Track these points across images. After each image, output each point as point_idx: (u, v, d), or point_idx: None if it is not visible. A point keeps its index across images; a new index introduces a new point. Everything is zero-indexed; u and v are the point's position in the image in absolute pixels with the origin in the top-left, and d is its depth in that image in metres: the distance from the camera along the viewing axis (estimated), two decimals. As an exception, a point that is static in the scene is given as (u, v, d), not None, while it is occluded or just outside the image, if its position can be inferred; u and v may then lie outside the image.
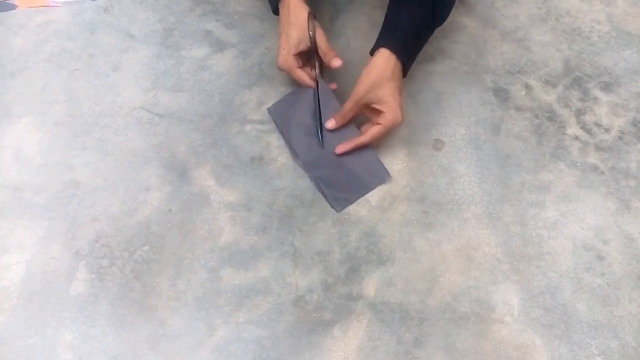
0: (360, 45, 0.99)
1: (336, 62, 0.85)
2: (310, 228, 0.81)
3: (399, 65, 0.82)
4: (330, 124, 0.85)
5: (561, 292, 0.77)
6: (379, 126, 0.81)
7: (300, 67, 0.87)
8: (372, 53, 0.84)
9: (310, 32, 0.82)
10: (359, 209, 0.83)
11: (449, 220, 0.82)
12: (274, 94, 0.93)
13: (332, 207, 0.82)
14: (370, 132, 0.82)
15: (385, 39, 0.83)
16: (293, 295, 0.76)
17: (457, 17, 1.04)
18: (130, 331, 0.73)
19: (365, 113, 0.85)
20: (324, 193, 0.83)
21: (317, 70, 0.86)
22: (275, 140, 0.89)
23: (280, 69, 0.88)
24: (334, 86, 0.89)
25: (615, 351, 0.73)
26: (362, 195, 0.84)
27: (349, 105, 0.83)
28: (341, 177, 0.84)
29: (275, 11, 0.90)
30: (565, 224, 0.82)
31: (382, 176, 0.85)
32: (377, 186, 0.84)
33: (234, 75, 0.95)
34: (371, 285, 0.77)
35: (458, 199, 0.84)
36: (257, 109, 0.92)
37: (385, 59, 0.81)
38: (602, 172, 0.87)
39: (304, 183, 0.85)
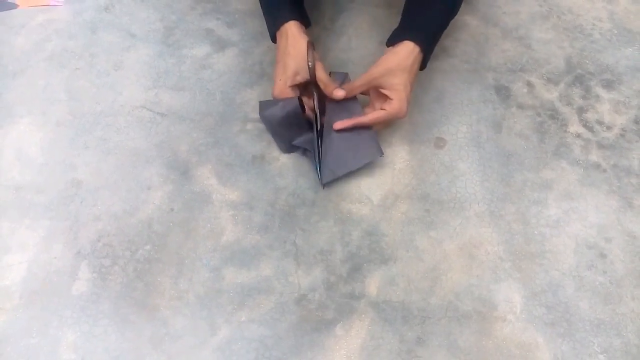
0: (362, 45, 0.99)
1: (338, 93, 0.82)
2: (312, 227, 0.81)
3: (420, 59, 0.82)
4: (339, 92, 0.82)
5: (563, 290, 0.77)
6: (383, 112, 0.81)
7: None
8: (392, 43, 0.83)
9: (310, 64, 0.80)
10: (361, 207, 0.83)
11: (451, 219, 0.82)
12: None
13: (320, 179, 0.82)
14: (373, 114, 0.82)
15: (411, 31, 0.82)
16: (295, 294, 0.76)
17: (458, 15, 1.03)
18: (132, 330, 0.73)
19: (370, 95, 0.85)
20: (318, 166, 0.82)
21: (316, 103, 0.83)
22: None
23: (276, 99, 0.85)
24: (342, 93, 0.84)
25: (617, 349, 0.73)
26: (352, 169, 0.83)
27: (360, 82, 0.82)
28: (334, 150, 0.83)
29: (273, 39, 0.88)
30: (567, 222, 0.82)
31: (375, 153, 0.84)
32: (369, 160, 0.84)
33: (235, 74, 0.95)
34: (373, 284, 0.77)
35: (460, 197, 0.84)
36: (258, 107, 0.91)
37: (409, 51, 0.80)
38: (604, 170, 0.87)
39: (306, 182, 0.85)
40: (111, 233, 0.80)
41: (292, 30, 0.83)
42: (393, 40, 0.83)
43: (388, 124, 0.87)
